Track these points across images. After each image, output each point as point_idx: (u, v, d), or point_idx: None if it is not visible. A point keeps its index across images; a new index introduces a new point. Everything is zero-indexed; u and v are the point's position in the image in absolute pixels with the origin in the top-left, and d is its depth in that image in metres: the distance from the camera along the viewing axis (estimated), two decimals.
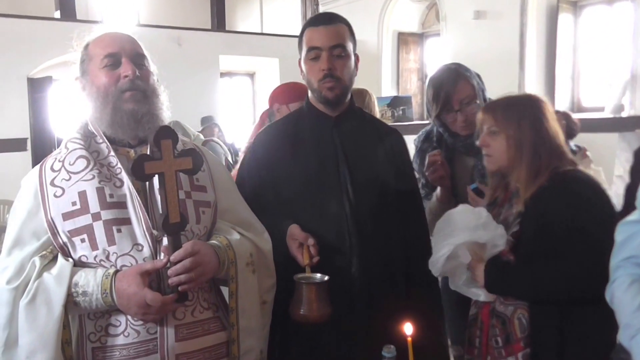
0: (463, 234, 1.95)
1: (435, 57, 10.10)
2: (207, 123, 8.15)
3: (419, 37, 10.61)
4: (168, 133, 1.65)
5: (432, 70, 10.49)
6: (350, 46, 2.13)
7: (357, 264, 2.07)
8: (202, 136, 6.60)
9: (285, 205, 2.11)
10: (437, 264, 1.99)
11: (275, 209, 2.10)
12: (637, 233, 1.55)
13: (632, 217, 1.59)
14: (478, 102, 2.41)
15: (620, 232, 1.60)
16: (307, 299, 1.88)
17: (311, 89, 2.16)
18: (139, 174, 1.60)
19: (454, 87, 2.42)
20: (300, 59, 2.18)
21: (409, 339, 1.38)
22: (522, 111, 2.01)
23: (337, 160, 2.13)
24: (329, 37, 2.07)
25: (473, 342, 2.07)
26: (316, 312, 1.88)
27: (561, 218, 1.85)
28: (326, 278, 1.90)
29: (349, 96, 2.19)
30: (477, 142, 2.10)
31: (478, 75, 2.51)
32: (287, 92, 3.32)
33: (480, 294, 2.00)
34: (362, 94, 4.84)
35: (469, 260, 1.97)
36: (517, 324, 1.91)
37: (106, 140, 1.72)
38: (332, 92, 2.10)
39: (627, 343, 1.47)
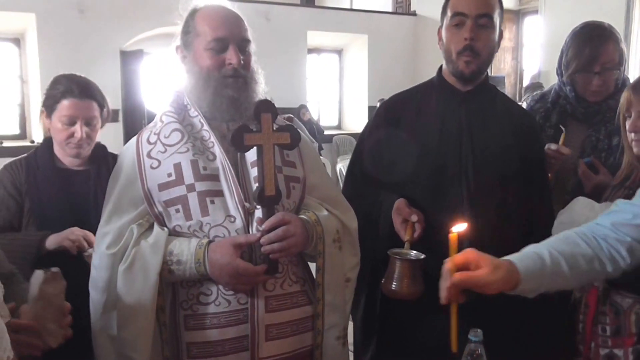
0: None
1: (533, 35, 9.71)
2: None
3: (516, 14, 10.21)
4: (268, 107, 1.66)
5: (528, 49, 10.11)
6: (497, 18, 2.01)
7: (467, 248, 1.97)
8: None
9: (399, 178, 2.04)
10: None
11: (388, 180, 2.04)
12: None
13: None
14: (621, 69, 2.19)
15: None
16: (399, 274, 1.83)
17: (447, 59, 2.06)
18: (238, 145, 1.62)
19: (601, 46, 2.17)
20: (441, 27, 2.08)
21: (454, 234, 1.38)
22: None
23: (461, 139, 2.02)
24: (477, 4, 1.96)
25: (576, 326, 1.94)
26: (406, 289, 1.83)
27: None
28: (422, 256, 1.84)
29: (485, 73, 2.09)
30: (628, 127, 1.85)
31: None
32: None
33: None
34: None
35: None
36: (634, 318, 1.79)
37: (200, 114, 1.74)
38: (469, 68, 2.00)
39: None
